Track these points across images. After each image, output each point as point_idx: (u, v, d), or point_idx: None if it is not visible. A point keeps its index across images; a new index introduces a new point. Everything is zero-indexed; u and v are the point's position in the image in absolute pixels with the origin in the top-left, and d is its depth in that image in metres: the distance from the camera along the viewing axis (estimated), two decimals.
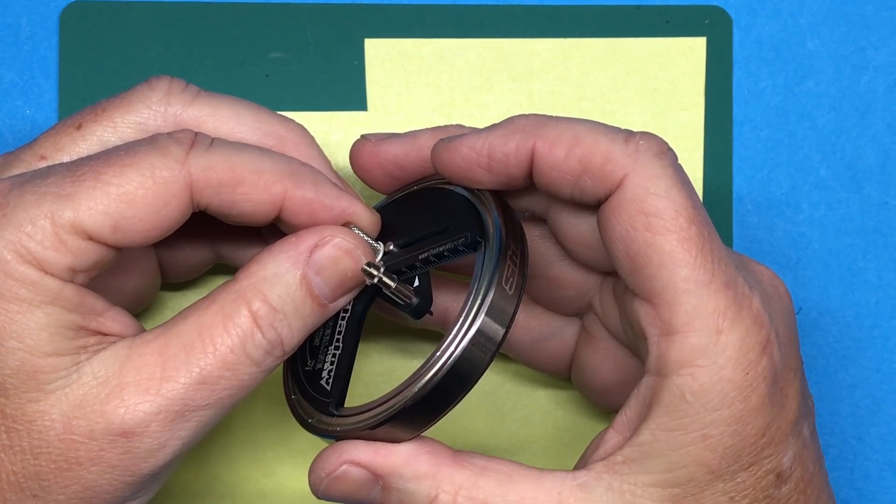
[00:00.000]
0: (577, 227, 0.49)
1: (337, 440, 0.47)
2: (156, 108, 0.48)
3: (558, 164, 0.46)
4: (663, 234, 0.45)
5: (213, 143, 0.46)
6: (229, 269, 0.56)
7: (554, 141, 0.46)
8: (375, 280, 0.47)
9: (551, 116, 0.47)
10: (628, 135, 0.46)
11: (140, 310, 0.55)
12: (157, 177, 0.45)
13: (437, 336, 0.56)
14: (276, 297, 0.46)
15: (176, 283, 0.55)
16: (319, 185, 0.48)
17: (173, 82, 0.49)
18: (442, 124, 0.57)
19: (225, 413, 0.45)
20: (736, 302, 0.45)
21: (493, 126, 0.48)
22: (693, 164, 0.58)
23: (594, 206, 0.47)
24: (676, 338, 0.45)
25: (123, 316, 0.46)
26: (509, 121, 0.47)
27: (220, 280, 0.56)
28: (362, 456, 0.46)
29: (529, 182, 0.48)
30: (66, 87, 0.57)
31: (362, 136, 0.51)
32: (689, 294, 0.45)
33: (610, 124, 0.47)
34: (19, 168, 0.47)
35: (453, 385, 0.45)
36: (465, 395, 0.45)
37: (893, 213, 0.58)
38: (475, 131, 0.48)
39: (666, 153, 0.46)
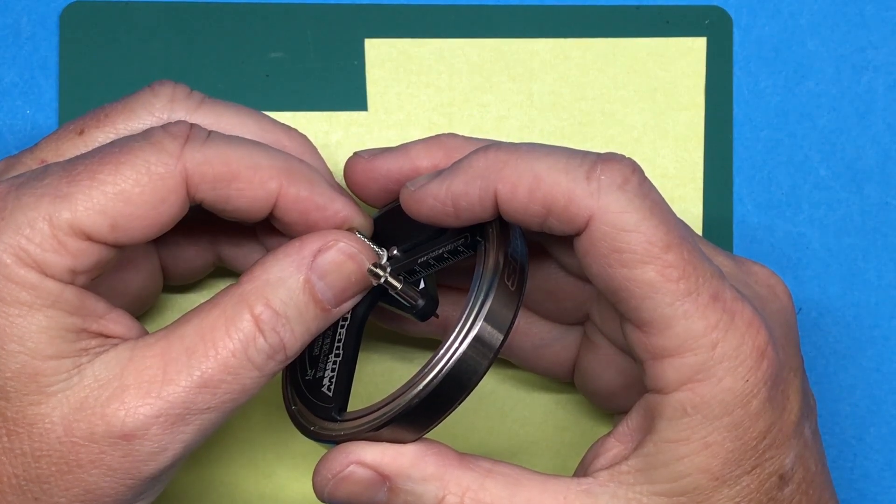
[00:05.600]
0: (568, 240, 0.49)
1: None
2: (159, 115, 0.48)
3: (522, 207, 0.45)
4: (640, 266, 0.44)
5: (210, 136, 0.46)
6: (232, 273, 0.56)
7: (515, 184, 0.45)
8: (382, 280, 0.47)
9: (511, 152, 0.46)
10: (590, 167, 0.45)
11: (142, 312, 0.55)
12: (153, 173, 0.45)
13: (436, 344, 0.56)
14: (279, 301, 0.45)
15: (178, 286, 0.55)
16: (315, 185, 0.47)
17: (177, 88, 0.49)
18: (442, 123, 0.57)
19: (227, 417, 0.45)
20: (727, 312, 0.45)
21: (454, 169, 0.46)
22: (693, 165, 0.58)
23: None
24: (673, 360, 0.45)
25: (125, 318, 0.46)
26: (468, 163, 0.46)
27: (222, 283, 0.56)
28: (370, 456, 0.46)
29: None
30: (66, 88, 0.56)
31: (355, 154, 0.50)
32: (677, 318, 0.44)
33: (574, 149, 0.46)
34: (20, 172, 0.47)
35: (456, 386, 0.45)
36: (468, 396, 0.45)
37: (893, 213, 0.58)
38: (437, 176, 0.47)
39: (629, 180, 0.45)
